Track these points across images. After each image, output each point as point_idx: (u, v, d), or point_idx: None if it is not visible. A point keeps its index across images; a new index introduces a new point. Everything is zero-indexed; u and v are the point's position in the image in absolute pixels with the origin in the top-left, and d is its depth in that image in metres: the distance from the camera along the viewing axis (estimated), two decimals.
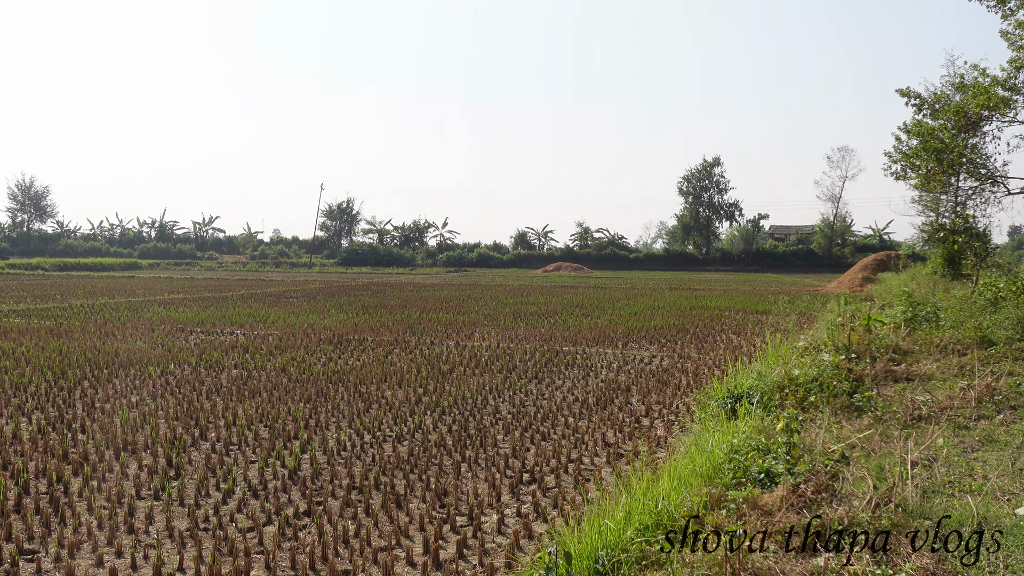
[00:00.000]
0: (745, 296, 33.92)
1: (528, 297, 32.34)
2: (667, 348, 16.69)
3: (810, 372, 9.40)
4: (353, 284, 44.08)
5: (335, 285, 42.72)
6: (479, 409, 10.48)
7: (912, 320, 13.81)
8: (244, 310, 24.67)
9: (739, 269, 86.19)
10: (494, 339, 17.79)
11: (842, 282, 40.24)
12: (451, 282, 48.22)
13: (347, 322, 21.09)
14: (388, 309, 25.59)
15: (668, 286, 44.27)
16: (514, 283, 47.09)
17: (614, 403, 10.97)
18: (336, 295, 33.16)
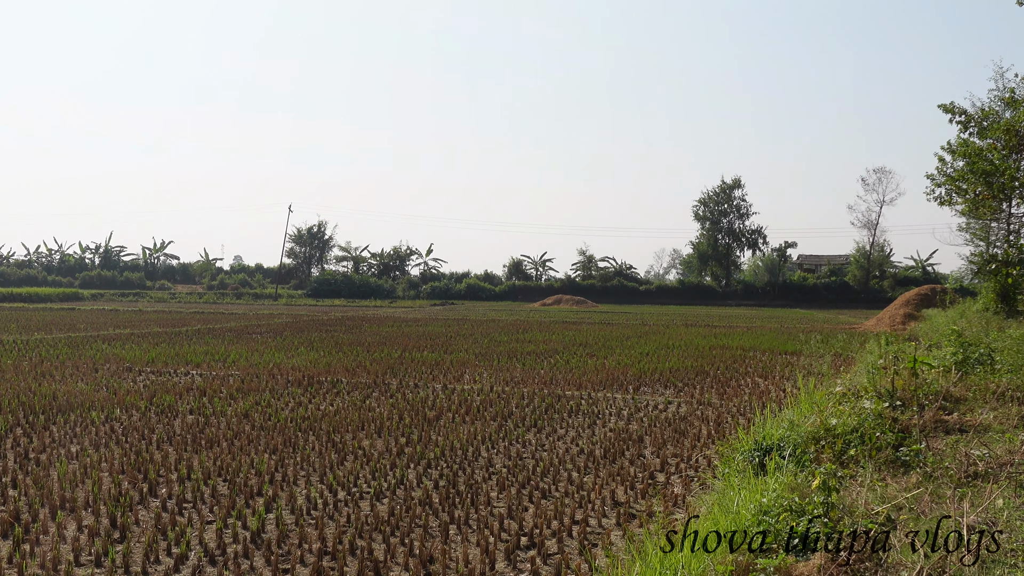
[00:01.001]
0: (772, 334, 33.95)
1: (525, 334, 32.32)
2: (684, 393, 16.65)
3: (849, 421, 9.36)
4: (325, 318, 44.03)
5: (304, 319, 42.66)
6: (470, 462, 10.40)
7: (964, 363, 13.79)
8: (201, 347, 24.58)
9: (764, 304, 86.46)
10: (487, 382, 17.73)
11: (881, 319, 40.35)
12: (437, 316, 48.21)
13: (318, 361, 21.02)
14: (365, 347, 25.51)
15: (684, 322, 44.31)
16: (508, 318, 47.10)
17: (624, 456, 10.90)
18: (306, 330, 33.09)
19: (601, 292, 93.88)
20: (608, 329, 36.94)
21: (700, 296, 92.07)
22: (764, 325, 42.79)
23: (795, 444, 8.86)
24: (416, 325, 38.20)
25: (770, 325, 42.92)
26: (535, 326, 38.50)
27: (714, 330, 37.03)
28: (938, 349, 17.34)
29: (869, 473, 7.79)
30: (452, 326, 37.51)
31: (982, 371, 13.21)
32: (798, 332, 35.43)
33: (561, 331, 34.72)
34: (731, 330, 37.21)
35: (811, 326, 42.25)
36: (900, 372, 11.89)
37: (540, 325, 39.65)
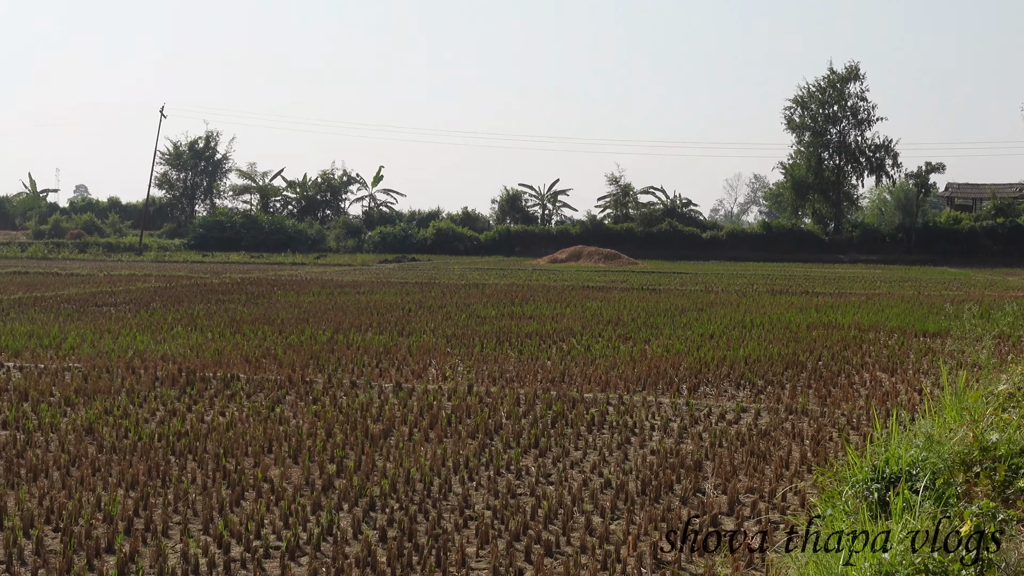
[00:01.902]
0: (904, 305, 34.00)
1: (524, 306, 32.33)
2: (767, 396, 16.65)
3: (1018, 437, 9.38)
4: (216, 282, 44.00)
5: (184, 283, 42.61)
6: (436, 501, 10.40)
7: None
8: (21, 327, 24.55)
9: (893, 259, 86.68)
10: (464, 378, 17.72)
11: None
12: (389, 279, 48.19)
13: (204, 348, 21.00)
14: (277, 326, 25.50)
15: (769, 288, 44.36)
16: (499, 281, 47.11)
17: (674, 491, 10.90)
18: (186, 300, 33.05)
19: (643, 241, 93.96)
20: (652, 298, 36.96)
21: (795, 247, 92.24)
22: (893, 292, 42.83)
23: (934, 471, 8.87)
24: (357, 292, 38.15)
25: (902, 291, 42.97)
26: (539, 293, 38.49)
27: (815, 300, 37.06)
28: None
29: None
30: (412, 294, 37.48)
31: None
32: (944, 302, 35.49)
33: (580, 301, 34.74)
34: (841, 299, 37.24)
35: (965, 293, 42.27)
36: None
37: (547, 292, 39.65)
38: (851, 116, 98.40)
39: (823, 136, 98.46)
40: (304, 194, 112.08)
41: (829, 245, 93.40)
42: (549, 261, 75.95)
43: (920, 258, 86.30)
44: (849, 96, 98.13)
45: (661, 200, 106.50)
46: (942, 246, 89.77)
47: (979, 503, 7.33)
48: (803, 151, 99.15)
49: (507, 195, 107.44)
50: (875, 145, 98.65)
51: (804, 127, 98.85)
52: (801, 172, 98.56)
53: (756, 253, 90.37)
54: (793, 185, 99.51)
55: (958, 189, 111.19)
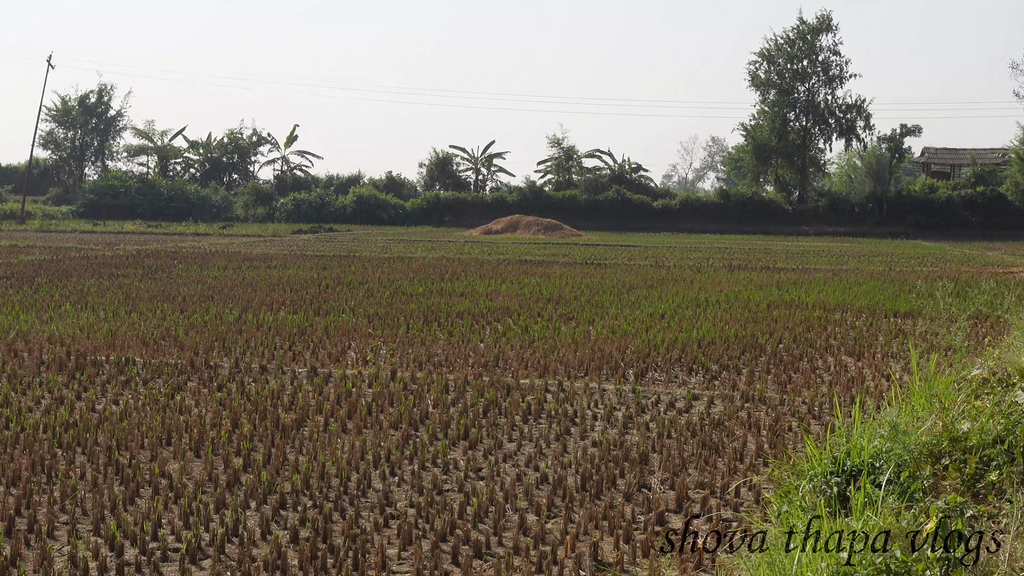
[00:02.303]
0: (873, 282, 34.34)
1: (454, 282, 32.35)
2: (721, 382, 16.81)
3: (992, 426, 9.53)
4: (108, 254, 43.68)
5: (73, 256, 42.26)
6: (354, 498, 10.45)
7: None
8: None
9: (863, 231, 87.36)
10: (386, 363, 17.75)
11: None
12: (304, 251, 48.02)
13: (95, 328, 20.88)
14: (178, 303, 25.41)
15: (726, 263, 44.63)
16: (428, 255, 47.08)
17: (617, 487, 11.01)
18: (75, 275, 32.78)
19: (587, 210, 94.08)
20: (597, 274, 37.08)
21: (755, 218, 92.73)
22: (861, 267, 43.22)
23: (899, 463, 9.01)
24: (267, 266, 38.00)
25: (871, 267, 43.37)
26: (472, 268, 38.50)
27: (777, 276, 37.32)
28: None
29: (1019, 510, 7.97)
30: (330, 268, 37.38)
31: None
32: (916, 279, 35.85)
33: (517, 277, 34.79)
34: (805, 276, 37.53)
35: (940, 268, 42.72)
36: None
37: (481, 266, 39.67)
38: (822, 72, 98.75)
39: (790, 95, 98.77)
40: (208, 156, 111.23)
41: (793, 216, 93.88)
42: (483, 232, 75.90)
43: (892, 230, 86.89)
44: (820, 50, 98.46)
45: (608, 165, 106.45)
46: (916, 217, 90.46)
47: (946, 498, 7.46)
48: (767, 111, 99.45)
49: (437, 158, 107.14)
50: (846, 105, 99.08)
51: (769, 84, 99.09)
52: (764, 135, 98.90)
53: (712, 224, 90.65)
54: (754, 149, 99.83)
55: (935, 154, 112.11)
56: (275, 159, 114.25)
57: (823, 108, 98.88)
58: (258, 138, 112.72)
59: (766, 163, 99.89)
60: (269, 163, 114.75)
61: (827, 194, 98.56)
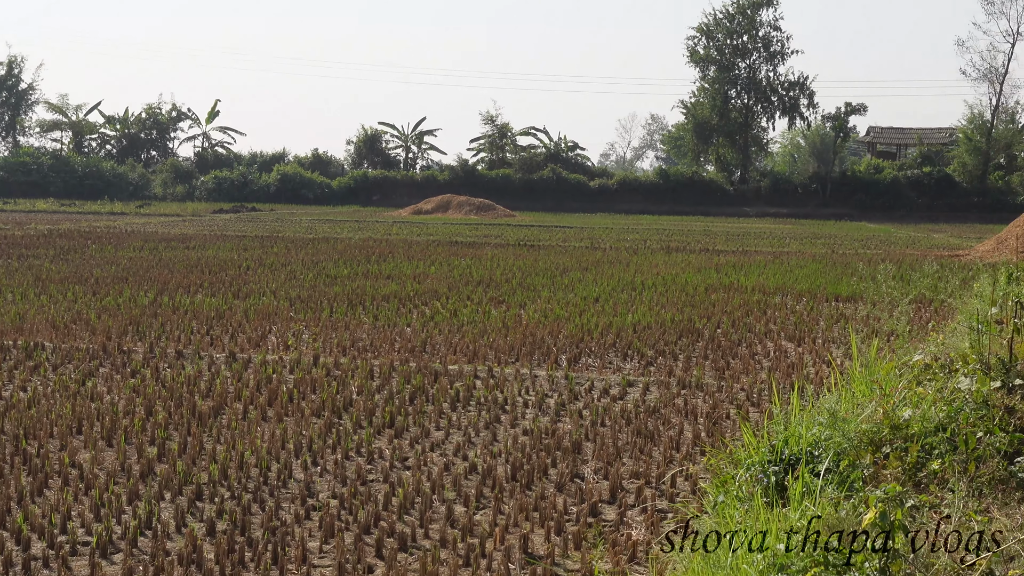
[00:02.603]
0: (815, 265, 34.57)
1: (381, 264, 32.29)
2: (657, 368, 16.89)
3: (933, 414, 9.60)
4: (18, 234, 43.27)
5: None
6: (274, 489, 10.41)
7: None
8: None
9: (806, 212, 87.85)
10: (308, 348, 17.71)
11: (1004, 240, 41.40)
12: (225, 231, 47.75)
13: (2, 311, 20.71)
14: (90, 286, 25.22)
15: (664, 245, 44.79)
16: (354, 235, 46.95)
17: (548, 477, 11.03)
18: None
19: (522, 190, 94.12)
20: (530, 256, 37.10)
21: (695, 199, 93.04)
22: (803, 250, 43.50)
23: (838, 452, 9.07)
24: (186, 247, 37.77)
25: (813, 249, 43.65)
26: (400, 249, 38.44)
27: (716, 258, 37.49)
28: None
29: (961, 500, 8.04)
30: (251, 249, 37.20)
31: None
32: (860, 262, 36.09)
33: (447, 259, 34.76)
34: (746, 258, 37.73)
35: (884, 251, 43.08)
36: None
37: (409, 248, 39.61)
38: (763, 48, 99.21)
39: (730, 71, 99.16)
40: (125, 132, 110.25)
41: (734, 196, 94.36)
42: (413, 212, 75.75)
43: (836, 212, 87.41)
44: (761, 25, 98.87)
45: (543, 143, 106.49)
46: (861, 198, 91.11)
47: (885, 487, 7.50)
48: (707, 88, 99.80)
49: (365, 135, 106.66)
50: (789, 82, 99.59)
51: (709, 60, 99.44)
52: (704, 112, 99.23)
53: (651, 205, 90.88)
54: (695, 127, 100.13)
55: (880, 134, 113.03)
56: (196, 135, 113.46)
57: (765, 85, 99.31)
58: (178, 113, 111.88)
59: (707, 142, 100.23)
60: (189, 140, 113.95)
61: (769, 174, 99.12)
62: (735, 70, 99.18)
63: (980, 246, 43.30)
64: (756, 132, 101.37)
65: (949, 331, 16.58)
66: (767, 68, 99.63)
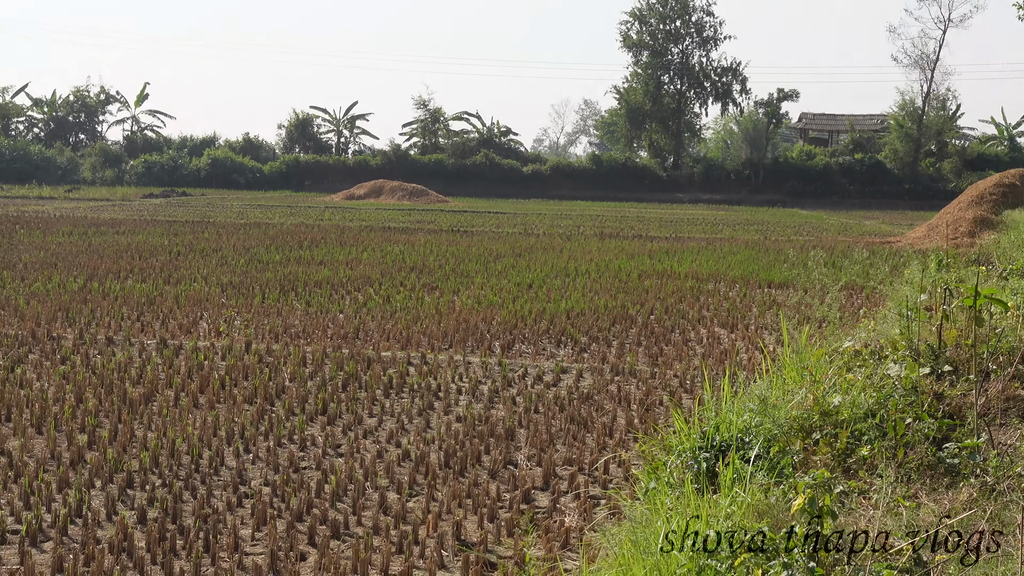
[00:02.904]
0: (748, 252, 34.77)
1: (313, 250, 32.20)
2: (591, 355, 16.97)
3: (863, 400, 9.71)
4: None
5: None
6: (206, 476, 10.41)
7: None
8: None
9: (739, 199, 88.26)
10: (240, 334, 17.68)
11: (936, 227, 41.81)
12: (155, 217, 47.47)
13: None
14: (18, 271, 25.04)
15: (598, 231, 44.90)
16: (286, 220, 46.78)
17: (481, 464, 11.09)
18: None
19: (455, 176, 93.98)
20: (463, 242, 37.11)
21: (629, 185, 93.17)
22: (736, 236, 43.72)
23: (769, 438, 9.16)
24: (116, 232, 37.52)
25: (746, 236, 43.89)
26: (332, 235, 38.34)
27: (650, 245, 37.62)
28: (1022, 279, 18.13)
29: (890, 486, 8.14)
30: (182, 234, 37.00)
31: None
32: (792, 248, 36.30)
33: (379, 245, 34.72)
34: (679, 245, 37.88)
35: (816, 238, 43.39)
36: (953, 316, 12.40)
37: (342, 233, 39.51)
38: (695, 34, 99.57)
39: (663, 56, 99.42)
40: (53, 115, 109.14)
41: (667, 182, 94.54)
42: (345, 197, 75.45)
43: (769, 198, 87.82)
44: (693, 10, 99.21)
45: (476, 128, 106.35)
46: (793, 184, 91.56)
47: (814, 473, 7.60)
48: (640, 74, 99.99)
49: (296, 119, 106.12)
50: (721, 68, 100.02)
51: (642, 45, 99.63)
52: (637, 98, 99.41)
53: (585, 191, 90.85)
54: (628, 113, 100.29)
55: (812, 120, 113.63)
56: (125, 119, 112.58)
57: (698, 71, 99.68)
58: (106, 96, 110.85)
59: (640, 127, 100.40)
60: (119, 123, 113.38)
61: (702, 160, 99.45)
62: (668, 55, 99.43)
63: (911, 233, 43.67)
64: (689, 118, 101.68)
65: (880, 318, 16.73)
66: (700, 54, 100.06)
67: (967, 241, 37.35)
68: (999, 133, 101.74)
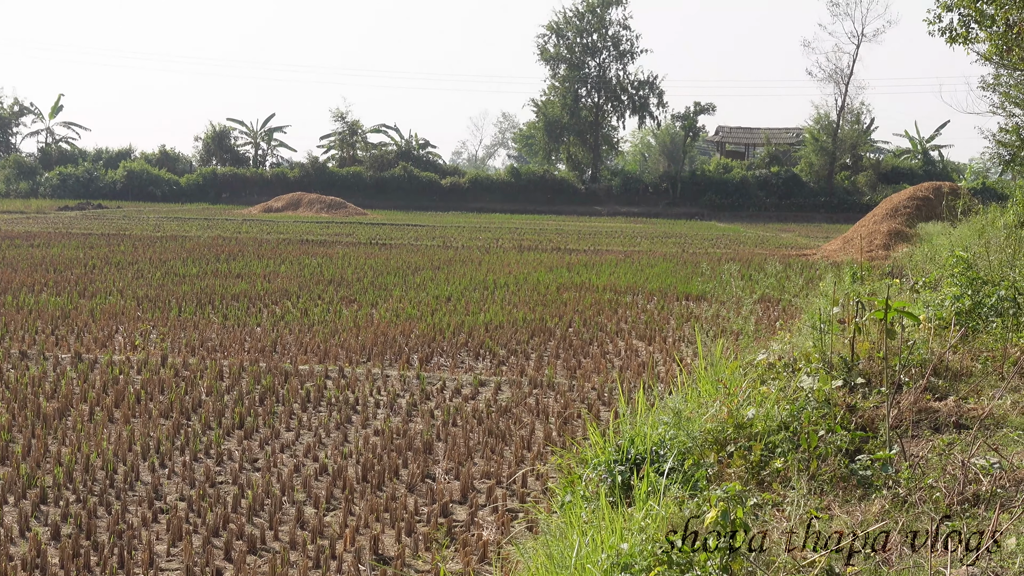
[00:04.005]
0: (666, 265, 34.97)
1: (231, 262, 32.07)
2: (509, 368, 17.02)
3: (776, 412, 9.80)
4: None
5: None
6: (121, 492, 10.36)
7: (971, 314, 14.69)
8: None
9: (656, 212, 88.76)
10: (156, 348, 17.57)
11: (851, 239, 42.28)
12: (70, 229, 47.08)
13: None
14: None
15: (516, 243, 44.99)
16: (204, 233, 46.55)
17: (399, 477, 11.10)
18: None
19: (373, 188, 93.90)
20: (382, 254, 37.08)
21: (547, 198, 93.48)
22: (654, 249, 43.96)
23: (683, 451, 9.24)
24: (30, 245, 37.18)
25: (664, 248, 44.14)
26: (250, 248, 38.20)
27: (568, 257, 37.75)
28: (934, 291, 18.35)
29: (802, 499, 8.24)
30: (97, 247, 36.72)
31: (1000, 327, 14.10)
32: (709, 260, 36.59)
33: (297, 257, 34.62)
34: (597, 257, 38.04)
35: (733, 251, 43.71)
36: (866, 329, 12.55)
37: (259, 246, 39.38)
38: (612, 47, 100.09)
39: (580, 70, 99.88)
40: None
41: (586, 195, 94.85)
42: (263, 210, 75.19)
43: (687, 211, 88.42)
44: (610, 24, 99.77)
45: (395, 140, 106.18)
46: (711, 197, 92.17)
47: (727, 486, 7.67)
48: (558, 87, 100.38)
49: (213, 132, 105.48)
50: (638, 81, 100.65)
51: (559, 59, 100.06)
52: (555, 111, 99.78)
53: (503, 204, 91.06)
54: (546, 126, 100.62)
55: (729, 133, 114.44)
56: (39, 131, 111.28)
57: (615, 84, 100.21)
58: (20, 108, 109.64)
59: (558, 140, 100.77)
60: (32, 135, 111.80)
61: (620, 173, 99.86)
62: (585, 68, 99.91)
63: (827, 245, 44.12)
64: (607, 131, 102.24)
65: (794, 330, 16.90)
66: (617, 67, 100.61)
67: (882, 254, 37.80)
68: (913, 146, 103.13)
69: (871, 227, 42.63)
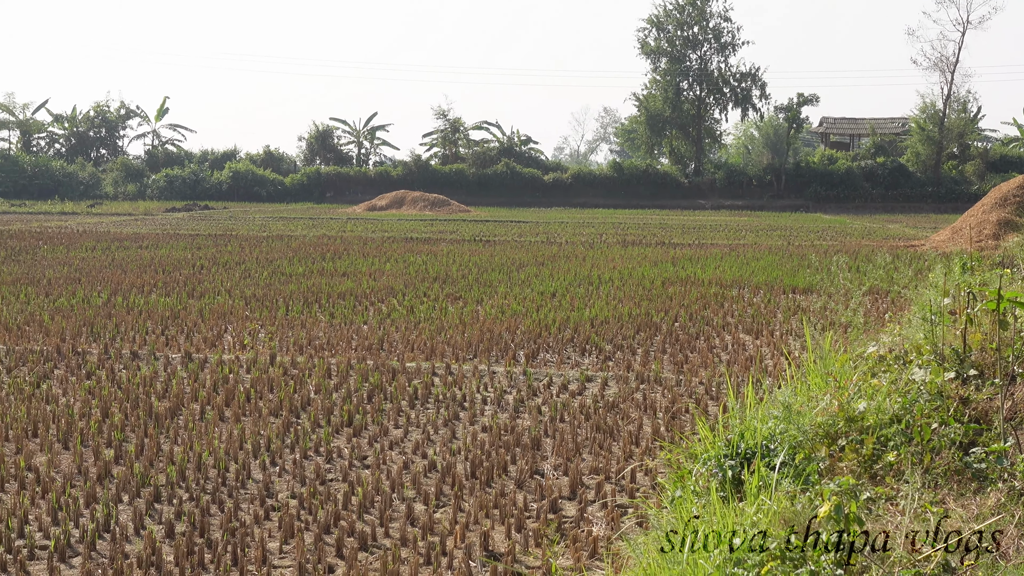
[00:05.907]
0: (771, 258, 34.71)
1: (337, 261, 32.26)
2: (616, 363, 16.98)
3: (888, 406, 9.70)
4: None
5: None
6: (232, 490, 10.45)
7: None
8: None
9: (760, 205, 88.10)
10: (264, 347, 17.72)
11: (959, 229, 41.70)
12: (178, 230, 47.57)
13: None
14: (43, 287, 25.11)
15: (620, 239, 44.85)
16: (308, 232, 46.85)
17: (507, 474, 11.10)
18: None
19: (476, 185, 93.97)
20: (486, 251, 37.11)
21: (650, 192, 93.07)
22: (759, 242, 43.64)
23: (794, 445, 9.16)
24: (139, 247, 37.62)
25: (769, 241, 43.81)
26: (355, 246, 38.39)
27: (672, 251, 37.57)
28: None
29: (916, 492, 8.14)
30: (205, 248, 37.08)
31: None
32: (815, 254, 36.27)
33: (402, 255, 34.75)
34: (702, 251, 37.83)
35: (839, 243, 43.27)
36: (978, 320, 12.37)
37: (364, 245, 39.56)
38: (713, 40, 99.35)
39: (682, 63, 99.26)
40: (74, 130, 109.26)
41: (689, 189, 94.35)
42: (367, 208, 75.53)
43: (791, 203, 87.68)
44: (711, 16, 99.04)
45: (496, 137, 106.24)
46: (816, 189, 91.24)
47: (842, 480, 7.60)
48: (659, 80, 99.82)
49: (317, 131, 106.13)
50: (740, 74, 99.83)
51: (660, 52, 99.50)
52: (657, 105, 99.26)
53: (606, 198, 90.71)
54: (648, 120, 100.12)
55: (833, 124, 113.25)
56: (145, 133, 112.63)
57: (717, 77, 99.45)
58: (127, 111, 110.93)
59: (660, 134, 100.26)
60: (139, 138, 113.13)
61: (724, 166, 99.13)
62: (686, 62, 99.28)
63: (935, 236, 43.55)
64: (709, 124, 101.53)
65: (904, 322, 16.71)
66: (718, 59, 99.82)
67: (991, 244, 37.25)
68: (1022, 134, 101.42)
69: (980, 216, 42.01)
